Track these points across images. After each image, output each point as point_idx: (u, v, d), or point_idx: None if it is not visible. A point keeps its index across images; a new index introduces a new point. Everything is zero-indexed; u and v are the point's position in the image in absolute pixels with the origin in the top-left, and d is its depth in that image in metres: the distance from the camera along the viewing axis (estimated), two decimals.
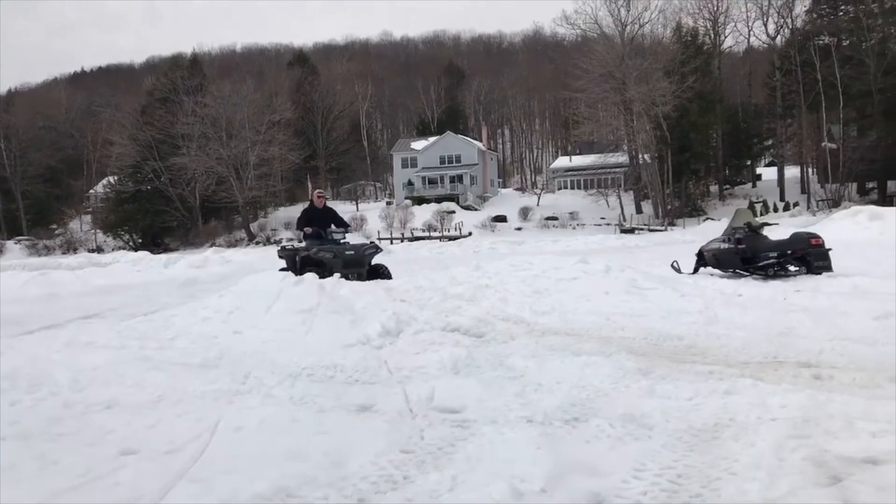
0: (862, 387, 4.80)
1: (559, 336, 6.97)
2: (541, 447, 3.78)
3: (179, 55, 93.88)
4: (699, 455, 3.70)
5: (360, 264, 11.21)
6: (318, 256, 11.03)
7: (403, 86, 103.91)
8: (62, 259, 29.74)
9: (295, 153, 63.49)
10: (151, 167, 61.09)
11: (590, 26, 60.84)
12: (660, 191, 55.22)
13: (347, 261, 11.09)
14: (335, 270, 10.50)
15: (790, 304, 8.59)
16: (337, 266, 10.68)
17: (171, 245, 60.41)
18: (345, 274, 10.42)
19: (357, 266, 11.13)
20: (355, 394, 5.09)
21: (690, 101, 53.78)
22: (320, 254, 11.06)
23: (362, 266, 11.27)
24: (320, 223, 11.94)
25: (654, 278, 10.32)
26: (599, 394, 4.84)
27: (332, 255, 11.06)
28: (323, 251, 11.16)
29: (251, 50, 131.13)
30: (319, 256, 11.02)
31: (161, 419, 4.50)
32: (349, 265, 10.99)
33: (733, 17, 67.20)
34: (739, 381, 4.87)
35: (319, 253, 11.08)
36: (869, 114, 52.46)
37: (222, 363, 6.16)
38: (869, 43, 52.49)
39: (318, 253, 11.09)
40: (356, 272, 10.96)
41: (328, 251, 11.21)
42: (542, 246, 28.81)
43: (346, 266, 10.87)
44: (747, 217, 13.14)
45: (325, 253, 11.12)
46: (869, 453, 3.49)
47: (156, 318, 8.45)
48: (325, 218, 12.17)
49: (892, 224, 22.09)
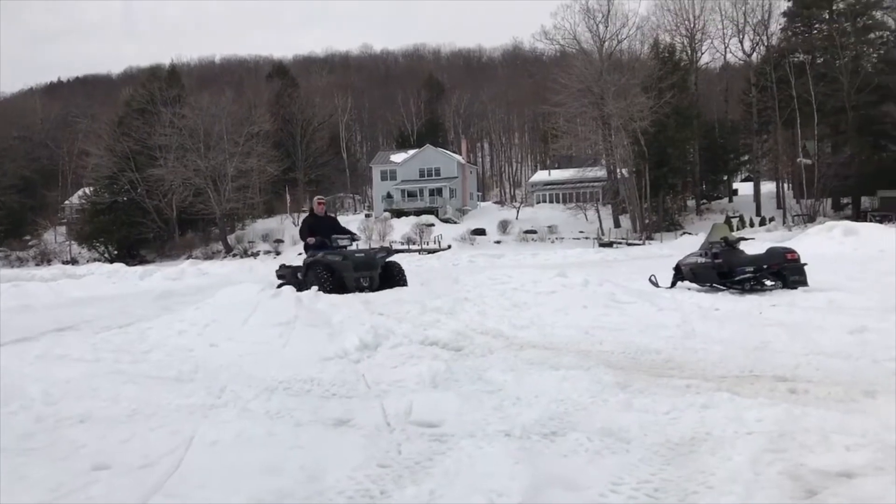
0: (837, 401, 4.84)
1: (538, 350, 6.97)
2: (519, 461, 3.76)
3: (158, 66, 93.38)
4: (676, 469, 3.71)
5: (371, 266, 10.56)
6: (327, 260, 10.43)
7: (383, 98, 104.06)
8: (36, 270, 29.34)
9: (273, 165, 63.30)
10: (128, 178, 60.63)
11: (568, 42, 61.54)
12: (638, 205, 55.62)
13: (358, 263, 10.51)
14: (345, 274, 10.10)
15: (766, 318, 8.65)
16: (347, 269, 10.19)
17: (147, 257, 59.87)
18: (356, 278, 10.04)
19: (368, 269, 10.51)
20: (332, 408, 5.05)
21: (668, 117, 54.35)
22: (328, 258, 10.47)
23: (374, 268, 10.61)
24: (324, 232, 11.27)
25: (632, 292, 10.36)
26: (577, 407, 4.84)
27: (342, 258, 10.51)
28: (331, 255, 10.56)
29: (230, 61, 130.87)
30: (328, 260, 10.43)
31: (135, 433, 4.43)
32: (360, 268, 10.42)
33: (710, 34, 68.26)
34: (716, 395, 4.90)
35: (327, 257, 10.49)
36: (843, 130, 53.32)
37: (198, 376, 6.10)
38: (842, 61, 53.44)
39: (327, 257, 10.50)
40: (368, 276, 10.40)
41: (337, 255, 10.63)
42: (521, 259, 28.86)
43: (358, 269, 10.33)
44: (724, 232, 13.26)
45: (334, 256, 10.55)
46: (844, 467, 3.52)
47: (131, 331, 8.34)
48: (328, 226, 11.54)
49: (866, 239, 22.41)
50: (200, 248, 60.79)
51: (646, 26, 63.40)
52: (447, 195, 71.24)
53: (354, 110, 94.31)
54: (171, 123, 59.54)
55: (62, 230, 71.37)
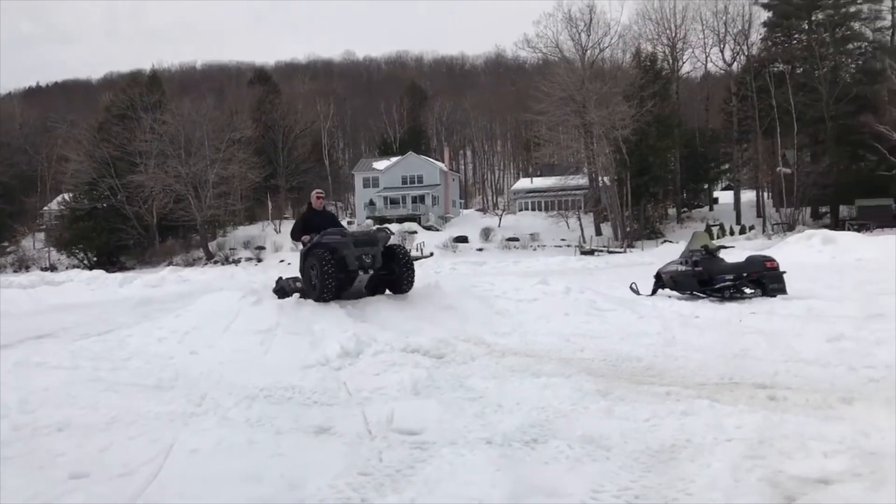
0: (815, 408, 4.89)
1: (519, 357, 6.98)
2: (500, 469, 3.77)
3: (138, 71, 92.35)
4: (656, 476, 3.73)
5: (372, 243, 9.90)
6: (326, 240, 9.80)
7: (366, 105, 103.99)
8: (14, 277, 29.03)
9: (255, 172, 62.95)
10: (108, 184, 60.10)
11: (551, 50, 61.76)
12: (619, 213, 55.86)
13: (359, 240, 9.90)
14: (345, 252, 9.56)
15: (746, 326, 8.73)
16: (348, 247, 9.61)
17: (126, 264, 59.27)
18: (357, 255, 9.54)
19: (370, 245, 9.84)
20: (313, 415, 5.04)
21: (649, 126, 54.64)
22: (327, 238, 9.84)
23: (375, 244, 9.91)
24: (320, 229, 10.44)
25: (613, 300, 10.42)
26: (559, 415, 4.86)
27: (341, 236, 9.91)
28: (329, 236, 9.92)
29: (212, 67, 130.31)
30: (327, 240, 9.79)
31: (114, 441, 4.40)
32: (361, 244, 9.78)
33: (691, 44, 68.78)
34: (696, 403, 4.93)
35: (326, 238, 9.86)
36: (822, 140, 53.89)
37: (178, 384, 6.06)
38: (821, 71, 54.06)
39: (325, 238, 9.85)
40: (369, 252, 9.73)
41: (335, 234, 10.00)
42: (504, 267, 28.88)
43: (359, 245, 9.72)
44: (704, 240, 13.36)
45: (333, 236, 9.90)
46: (822, 473, 3.55)
47: (110, 339, 8.27)
48: (326, 222, 10.79)
49: (844, 248, 22.65)
50: (181, 255, 60.33)
51: (628, 35, 63.87)
52: (430, 202, 71.24)
53: (337, 117, 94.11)
54: (152, 129, 59.12)
55: (41, 236, 70.57)
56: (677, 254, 13.97)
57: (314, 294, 9.62)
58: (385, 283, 10.44)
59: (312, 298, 9.66)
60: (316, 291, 9.56)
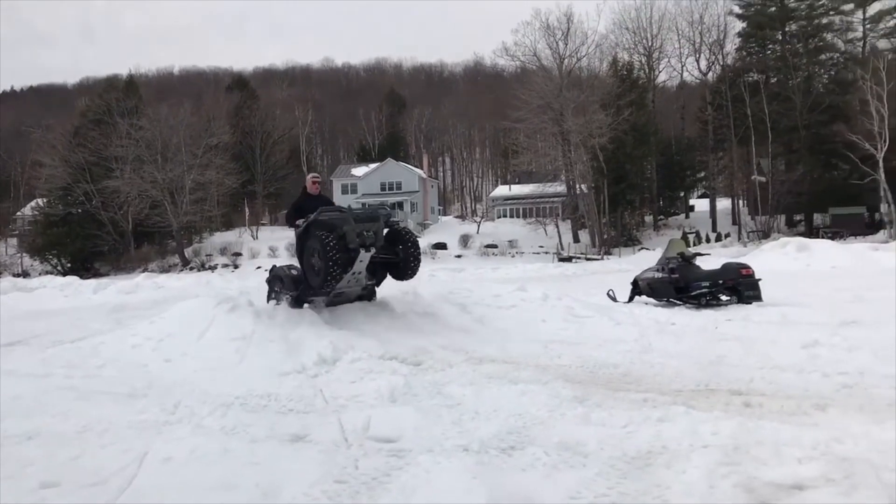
0: (790, 414, 4.93)
1: (497, 364, 6.97)
2: (476, 476, 3.76)
3: (115, 76, 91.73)
4: (632, 482, 3.74)
5: (373, 219, 9.18)
6: (325, 217, 9.12)
7: (344, 112, 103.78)
8: None
9: (232, 178, 62.55)
10: (83, 190, 59.45)
11: (529, 58, 62.11)
12: (596, 220, 56.17)
13: (359, 216, 9.15)
14: (345, 228, 8.82)
15: (722, 332, 8.79)
16: (348, 222, 8.88)
17: (101, 270, 58.59)
18: (359, 232, 8.79)
19: (371, 221, 9.12)
20: (289, 423, 5.00)
21: (626, 134, 55.07)
22: (324, 216, 9.14)
23: (376, 220, 9.21)
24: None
25: (590, 307, 10.45)
26: (536, 422, 4.86)
27: (340, 212, 9.27)
28: (327, 213, 9.23)
29: (189, 73, 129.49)
30: (326, 217, 9.12)
31: (85, 450, 4.34)
32: (362, 220, 9.04)
33: (667, 53, 69.49)
34: (672, 409, 4.95)
35: (324, 215, 9.15)
36: (796, 149, 54.55)
37: (152, 392, 5.99)
38: (795, 81, 54.81)
39: (323, 215, 9.15)
40: (371, 229, 8.99)
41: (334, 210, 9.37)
42: (482, 273, 28.94)
43: (359, 221, 8.97)
44: (680, 247, 13.45)
45: (332, 213, 9.23)
46: (796, 479, 3.58)
47: (83, 346, 8.17)
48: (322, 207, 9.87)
49: (818, 255, 22.94)
50: (156, 262, 59.74)
51: (605, 44, 64.30)
52: (408, 209, 71.25)
53: (315, 123, 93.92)
54: (128, 135, 58.58)
55: (13, 242, 69.68)
56: (654, 261, 14.06)
57: (317, 280, 8.79)
58: (387, 268, 9.77)
59: (315, 285, 9.01)
60: (319, 276, 8.69)
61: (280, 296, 10.18)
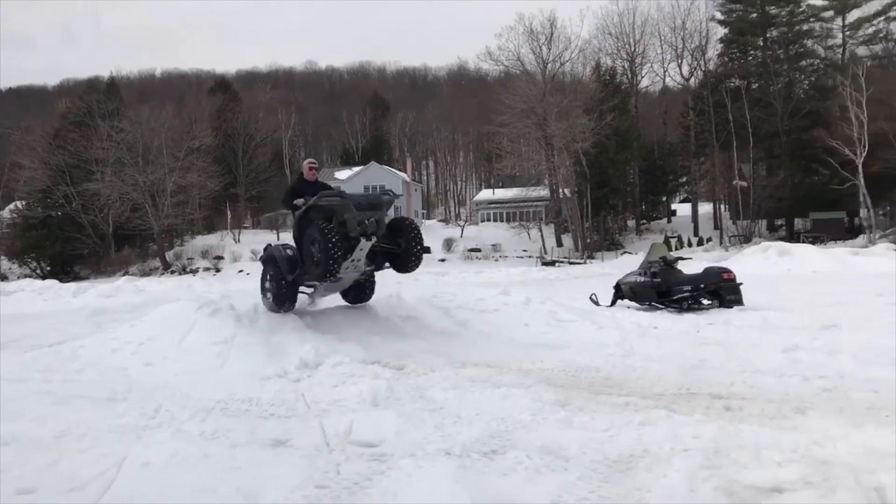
0: (770, 417, 4.96)
1: (479, 368, 6.97)
2: (458, 480, 3.75)
3: (96, 78, 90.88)
4: (614, 486, 3.74)
5: (375, 206, 8.80)
6: (324, 203, 8.69)
7: (328, 115, 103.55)
8: None
9: (214, 180, 62.15)
10: (63, 192, 58.84)
11: (512, 63, 62.18)
12: (579, 224, 56.34)
13: (361, 203, 8.72)
14: (346, 216, 8.41)
15: (703, 336, 8.84)
16: (349, 210, 8.46)
17: (81, 273, 57.99)
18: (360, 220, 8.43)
19: (373, 209, 8.74)
20: (270, 428, 4.97)
21: (609, 138, 55.29)
22: (324, 201, 8.71)
23: (379, 208, 8.85)
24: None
25: (573, 311, 10.48)
26: (518, 425, 4.86)
27: (340, 198, 8.81)
28: (327, 198, 8.80)
29: (171, 75, 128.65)
30: (325, 203, 8.69)
31: (63, 455, 4.29)
32: (364, 207, 8.62)
33: (650, 59, 69.87)
34: (654, 413, 4.96)
35: (323, 200, 8.72)
36: (777, 154, 55.02)
37: (131, 396, 5.94)
38: (776, 87, 55.31)
39: (322, 201, 8.72)
40: (374, 217, 8.62)
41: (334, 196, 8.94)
42: (466, 277, 28.95)
43: (361, 209, 8.56)
44: (662, 251, 13.52)
45: (331, 199, 8.79)
46: (775, 482, 3.60)
47: (62, 350, 8.07)
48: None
49: (799, 260, 23.12)
50: (137, 265, 59.18)
51: (588, 49, 64.55)
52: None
53: (298, 126, 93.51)
54: (109, 137, 58.04)
55: None
56: (636, 265, 14.13)
57: (317, 271, 8.46)
58: (388, 257, 9.41)
59: (315, 277, 8.77)
60: (319, 268, 8.34)
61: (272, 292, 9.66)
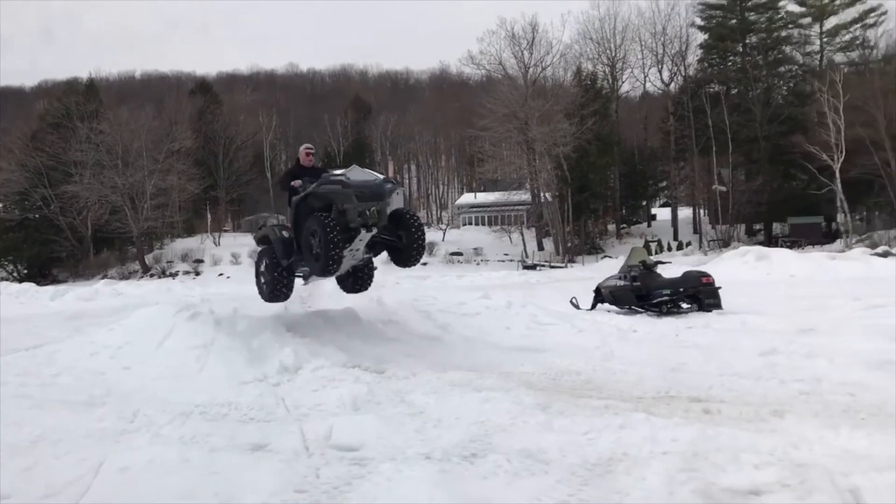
0: (748, 420, 5.00)
1: (460, 372, 6.97)
2: (438, 484, 3.75)
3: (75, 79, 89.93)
4: (593, 489, 3.76)
5: (378, 196, 8.32)
6: (323, 191, 8.27)
7: (309, 118, 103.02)
8: None
9: (194, 183, 61.75)
10: (40, 195, 58.26)
11: (494, 67, 62.30)
12: (560, 228, 56.52)
13: (363, 191, 8.24)
14: (346, 206, 8.00)
15: (682, 340, 8.90)
16: (349, 199, 8.02)
17: (59, 276, 57.39)
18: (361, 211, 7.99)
19: (376, 198, 8.26)
20: (250, 432, 4.95)
21: (589, 143, 55.53)
22: (323, 188, 8.28)
23: (382, 198, 8.36)
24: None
25: (553, 314, 10.52)
26: (498, 429, 4.86)
27: (342, 186, 8.28)
28: (327, 184, 8.35)
29: (151, 77, 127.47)
30: (324, 190, 8.26)
31: (38, 461, 4.25)
32: (366, 198, 8.14)
33: (630, 64, 70.20)
34: (633, 416, 4.99)
35: (322, 187, 8.29)
36: (755, 159, 55.53)
37: (109, 401, 5.89)
38: (755, 92, 55.89)
39: (322, 187, 8.29)
40: (376, 208, 8.17)
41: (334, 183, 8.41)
42: (447, 281, 28.94)
43: (363, 199, 8.09)
44: (642, 255, 13.61)
45: (331, 185, 8.32)
46: (752, 485, 3.63)
47: (38, 354, 7.98)
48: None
49: (777, 264, 23.32)
50: (116, 268, 58.63)
51: (569, 54, 64.69)
52: None
53: (280, 129, 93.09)
54: (88, 139, 57.54)
55: None
56: (616, 269, 14.20)
57: (317, 266, 8.10)
58: (388, 249, 9.05)
59: (314, 272, 8.56)
60: (319, 263, 7.94)
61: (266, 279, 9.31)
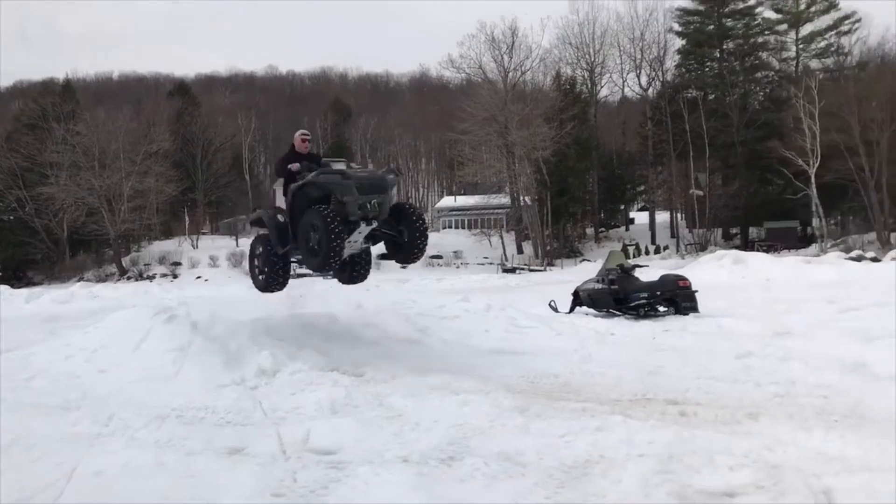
0: (723, 423, 5.04)
1: (439, 375, 6.96)
2: (416, 487, 3.76)
3: (51, 80, 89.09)
4: (570, 491, 3.78)
5: (380, 189, 8.00)
6: (321, 181, 8.00)
7: (289, 120, 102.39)
8: None
9: (172, 185, 61.33)
10: (15, 196, 57.57)
11: (474, 71, 62.41)
12: (540, 232, 56.72)
13: (363, 183, 7.90)
14: (346, 198, 7.71)
15: (659, 343, 8.96)
16: (349, 191, 7.72)
17: (34, 279, 56.69)
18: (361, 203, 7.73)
19: (377, 191, 7.95)
20: (226, 436, 4.92)
21: (568, 147, 55.77)
22: (322, 178, 8.02)
23: (384, 191, 8.05)
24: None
25: (532, 317, 10.55)
26: (476, 432, 4.87)
27: (341, 177, 7.98)
28: (326, 175, 8.07)
29: (129, 78, 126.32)
30: (323, 181, 8.00)
31: (11, 465, 4.20)
32: (366, 190, 7.83)
33: (609, 69, 70.56)
34: (610, 419, 5.02)
35: (321, 177, 8.03)
36: (732, 164, 56.05)
37: (84, 404, 5.83)
38: (732, 98, 56.47)
39: (320, 177, 8.03)
40: (377, 201, 7.89)
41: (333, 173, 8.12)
42: (427, 284, 28.98)
43: (363, 191, 7.79)
44: (620, 259, 13.69)
45: (330, 176, 8.04)
46: (727, 486, 3.67)
47: (12, 357, 7.89)
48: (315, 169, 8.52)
49: (753, 268, 23.53)
50: (93, 271, 58.07)
51: (548, 59, 64.97)
52: None
53: (259, 131, 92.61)
54: (65, 140, 56.95)
55: None
56: (595, 272, 14.26)
57: (315, 261, 7.92)
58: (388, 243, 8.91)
59: (314, 267, 8.32)
60: (318, 259, 7.75)
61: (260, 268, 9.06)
